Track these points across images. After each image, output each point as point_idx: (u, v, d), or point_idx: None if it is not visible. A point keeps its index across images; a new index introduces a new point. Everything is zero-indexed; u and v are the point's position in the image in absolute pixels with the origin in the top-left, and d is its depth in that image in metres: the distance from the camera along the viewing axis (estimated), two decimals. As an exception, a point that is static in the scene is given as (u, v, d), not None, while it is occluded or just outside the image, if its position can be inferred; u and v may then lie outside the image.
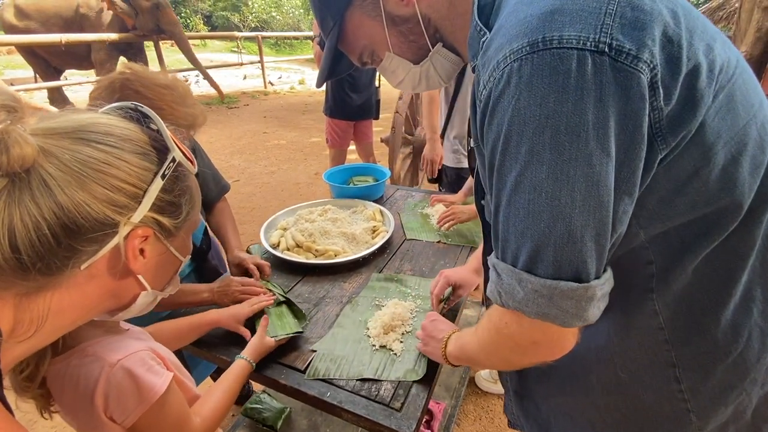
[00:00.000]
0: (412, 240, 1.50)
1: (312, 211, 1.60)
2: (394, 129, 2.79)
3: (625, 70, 0.38)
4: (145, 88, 0.89)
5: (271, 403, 1.61)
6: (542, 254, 0.43)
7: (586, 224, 0.41)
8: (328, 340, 1.00)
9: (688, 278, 0.49)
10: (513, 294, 0.47)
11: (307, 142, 6.02)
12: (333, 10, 0.61)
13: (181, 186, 0.53)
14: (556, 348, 0.50)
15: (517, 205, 0.44)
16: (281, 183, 4.47)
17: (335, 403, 0.84)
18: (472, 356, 0.69)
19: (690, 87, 0.40)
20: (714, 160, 0.43)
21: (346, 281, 1.25)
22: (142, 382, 0.62)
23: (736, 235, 0.47)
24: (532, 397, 0.71)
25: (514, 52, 0.41)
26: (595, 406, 0.60)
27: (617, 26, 0.38)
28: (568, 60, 0.38)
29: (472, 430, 1.72)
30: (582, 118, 0.39)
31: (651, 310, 0.51)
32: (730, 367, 0.51)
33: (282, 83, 11.31)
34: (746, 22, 4.90)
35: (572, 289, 0.43)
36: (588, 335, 0.57)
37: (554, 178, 0.41)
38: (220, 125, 6.90)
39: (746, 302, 0.50)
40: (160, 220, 0.50)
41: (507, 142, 0.43)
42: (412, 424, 0.79)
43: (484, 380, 1.90)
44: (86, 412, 0.61)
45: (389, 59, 0.65)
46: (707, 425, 0.54)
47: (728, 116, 0.44)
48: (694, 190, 0.44)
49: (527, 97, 0.40)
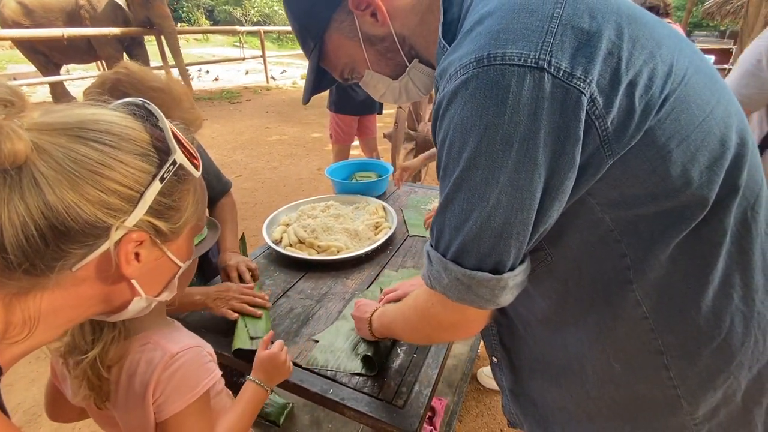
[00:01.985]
0: (415, 236, 1.49)
1: (314, 207, 1.59)
2: (397, 124, 2.78)
3: (561, 86, 0.41)
4: (136, 90, 0.88)
5: (274, 398, 1.62)
6: (469, 247, 0.49)
7: (508, 224, 0.46)
8: (332, 332, 1.00)
9: (663, 268, 0.51)
10: (439, 279, 0.53)
11: (309, 138, 6.01)
12: (312, 32, 0.64)
13: (181, 189, 0.50)
14: (472, 328, 0.59)
15: (454, 203, 0.49)
16: (283, 178, 4.46)
17: (338, 400, 0.84)
18: (396, 332, 0.78)
19: (630, 96, 0.43)
20: (669, 159, 0.46)
21: (349, 278, 1.25)
22: (195, 377, 0.66)
23: (708, 225, 0.49)
24: (528, 394, 0.72)
25: (464, 67, 0.44)
26: (591, 398, 0.61)
27: (557, 44, 0.41)
28: (509, 75, 0.41)
29: (474, 426, 1.72)
30: (516, 129, 0.42)
31: (633, 301, 0.52)
32: (716, 352, 0.52)
33: (285, 78, 11.28)
34: (754, 16, 4.84)
35: (487, 279, 0.49)
36: (580, 328, 0.58)
37: (486, 182, 0.45)
38: (222, 120, 6.89)
39: (726, 288, 0.52)
40: (156, 224, 0.47)
41: (451, 146, 0.47)
42: (415, 421, 0.79)
43: (486, 377, 1.91)
44: (137, 398, 0.64)
45: (369, 75, 0.68)
46: (698, 410, 0.55)
47: (682, 116, 0.45)
48: (653, 184, 0.47)
49: (470, 108, 0.44)
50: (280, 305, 1.13)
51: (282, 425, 1.53)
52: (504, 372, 0.76)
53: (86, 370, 0.62)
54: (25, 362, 1.94)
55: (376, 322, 0.85)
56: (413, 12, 0.60)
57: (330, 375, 0.90)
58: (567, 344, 0.60)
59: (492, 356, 0.77)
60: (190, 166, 0.51)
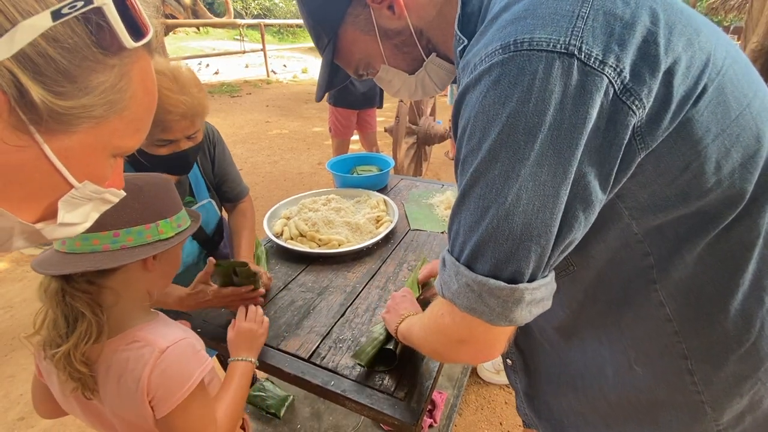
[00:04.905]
0: (416, 230, 1.49)
1: (315, 200, 1.59)
2: (398, 118, 2.77)
3: (592, 74, 0.38)
4: None
5: (275, 390, 1.62)
6: (484, 250, 0.44)
7: (528, 224, 0.42)
8: (378, 326, 0.98)
9: (689, 269, 0.48)
10: (449, 285, 0.48)
11: (309, 132, 5.99)
12: (326, 27, 0.62)
13: (90, 55, 0.30)
14: (482, 350, 0.51)
15: (470, 199, 0.45)
16: (284, 173, 4.46)
17: (339, 392, 0.84)
18: (413, 341, 0.71)
19: (668, 84, 0.40)
20: (704, 154, 0.43)
21: (350, 271, 1.25)
22: (187, 369, 0.66)
23: (740, 225, 0.47)
24: (543, 398, 0.71)
25: (489, 55, 0.42)
26: (608, 402, 0.60)
27: (589, 30, 0.39)
28: (536, 61, 0.39)
29: (474, 420, 1.73)
30: (541, 119, 0.39)
31: (656, 301, 0.50)
32: (743, 357, 0.51)
33: (286, 72, 11.22)
34: (758, 11, 4.79)
35: (499, 288, 0.44)
36: (599, 330, 0.56)
37: (506, 176, 0.41)
38: (222, 114, 6.87)
39: (757, 292, 0.49)
40: (24, 82, 0.27)
41: (471, 137, 0.44)
42: (416, 414, 0.79)
43: (487, 371, 1.91)
44: (131, 396, 0.64)
45: (385, 71, 0.66)
46: (722, 416, 0.53)
47: (718, 109, 0.43)
48: (686, 182, 0.44)
49: (493, 96, 0.41)
50: (281, 298, 1.13)
51: (283, 417, 1.54)
52: (519, 375, 0.75)
53: (63, 363, 0.62)
54: (28, 354, 1.95)
55: (403, 325, 0.81)
56: (431, 4, 0.57)
57: (331, 367, 0.90)
58: (585, 347, 0.59)
59: (506, 359, 0.76)
60: (120, 26, 0.30)
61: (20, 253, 2.95)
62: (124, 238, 0.63)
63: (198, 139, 1.06)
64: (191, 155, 1.06)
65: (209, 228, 1.28)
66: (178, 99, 0.93)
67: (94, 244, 0.62)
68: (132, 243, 0.64)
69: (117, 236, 0.63)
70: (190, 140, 1.03)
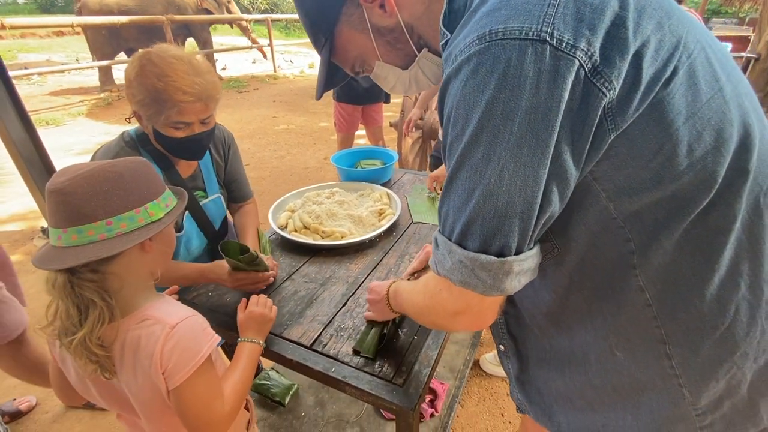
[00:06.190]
0: (418, 223, 1.50)
1: (319, 193, 1.61)
2: (404, 113, 2.77)
3: (564, 58, 0.40)
4: (159, 58, 0.99)
5: (280, 379, 1.66)
6: (472, 229, 0.47)
7: (511, 202, 0.44)
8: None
9: (668, 254, 0.49)
10: (443, 263, 0.52)
11: (316, 127, 6.01)
12: (323, 27, 0.65)
13: None
14: (476, 318, 0.55)
15: (457, 181, 0.48)
16: (290, 168, 4.49)
17: (340, 378, 0.86)
18: (408, 313, 0.77)
19: (637, 66, 0.42)
20: (676, 136, 0.44)
21: (353, 262, 1.27)
22: (196, 343, 0.69)
23: (716, 211, 0.48)
24: (534, 383, 0.73)
25: (467, 46, 0.44)
26: (593, 387, 0.61)
27: (560, 16, 0.41)
28: (511, 50, 0.41)
29: (476, 411, 1.75)
30: (517, 103, 0.41)
31: (636, 287, 0.52)
32: (719, 341, 0.52)
33: (293, 67, 11.24)
34: (773, 2, 4.65)
35: (490, 262, 0.47)
36: (585, 316, 0.58)
37: (488, 158, 0.44)
38: (229, 109, 6.91)
39: (733, 277, 0.50)
40: None
41: (455, 124, 0.46)
42: (414, 398, 0.81)
43: (489, 363, 1.93)
44: (145, 371, 0.68)
45: (380, 67, 0.69)
46: (700, 400, 0.54)
47: (689, 92, 0.44)
48: (659, 165, 0.45)
49: (472, 84, 0.43)
50: (285, 288, 1.16)
51: (287, 405, 1.58)
52: (511, 360, 0.77)
53: (80, 349, 0.65)
54: (42, 342, 2.00)
55: (392, 300, 0.86)
56: (420, 1, 0.59)
57: (332, 354, 0.92)
58: (572, 334, 0.61)
59: (499, 344, 0.78)
60: None
61: (34, 245, 3.03)
62: (118, 225, 0.66)
63: (211, 124, 1.11)
64: (205, 139, 1.11)
65: (217, 223, 1.31)
66: (193, 80, 0.99)
67: (89, 235, 0.64)
68: (126, 229, 0.66)
69: (110, 224, 0.65)
70: (203, 125, 1.08)
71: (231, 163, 1.34)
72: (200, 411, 0.70)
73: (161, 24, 7.07)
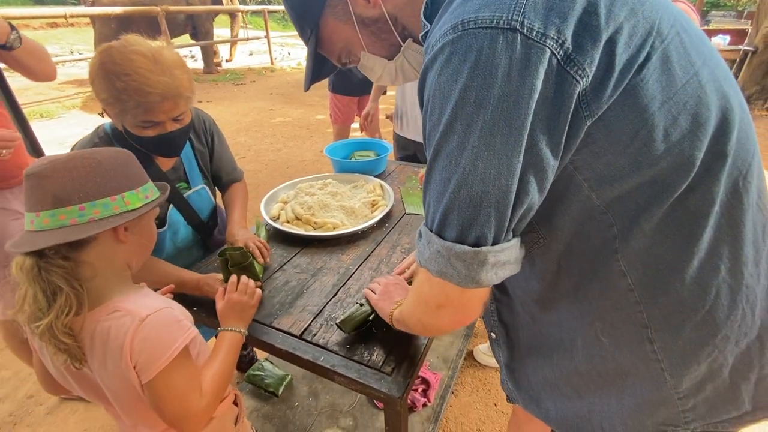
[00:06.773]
0: (411, 214, 1.50)
1: (312, 185, 1.61)
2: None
3: (534, 46, 0.40)
4: (120, 54, 0.93)
5: (273, 370, 1.67)
6: (449, 218, 0.47)
7: (486, 191, 0.44)
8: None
9: (648, 238, 0.50)
10: (423, 253, 0.52)
11: (312, 120, 5.98)
12: (308, 18, 0.65)
13: None
14: (458, 313, 0.54)
15: (435, 171, 0.48)
16: (287, 160, 4.47)
17: (328, 367, 0.86)
18: (405, 320, 0.72)
19: (610, 53, 0.42)
20: (651, 122, 0.44)
21: (344, 253, 1.27)
22: (169, 336, 0.67)
23: (695, 194, 0.48)
24: (523, 370, 0.73)
25: (442, 36, 0.45)
26: (579, 373, 0.62)
27: (530, 5, 0.41)
28: (482, 39, 0.41)
29: (469, 401, 1.76)
30: (489, 91, 0.41)
31: (618, 271, 0.52)
32: (699, 324, 0.52)
33: (290, 59, 11.15)
34: (771, -7, 4.64)
35: (464, 252, 0.47)
36: (572, 303, 0.58)
37: (462, 146, 0.44)
38: (226, 102, 6.87)
39: (713, 260, 0.51)
40: None
41: (431, 114, 0.47)
42: (402, 387, 0.82)
43: (483, 354, 1.94)
44: (116, 364, 0.66)
45: (366, 58, 0.69)
46: (681, 384, 0.55)
47: (663, 77, 0.44)
48: (636, 151, 0.46)
49: (446, 73, 0.44)
50: (276, 278, 1.16)
51: (281, 396, 1.59)
52: (502, 348, 0.77)
53: (47, 336, 0.64)
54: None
55: (397, 311, 0.81)
56: None
57: (322, 344, 0.93)
58: (561, 321, 0.61)
59: (491, 332, 0.79)
60: None
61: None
62: (91, 211, 0.65)
63: (185, 121, 1.06)
64: (179, 137, 1.06)
65: (204, 214, 1.30)
66: (158, 80, 0.94)
67: (61, 219, 0.64)
68: (99, 215, 0.66)
69: (83, 210, 0.65)
70: (176, 122, 1.03)
71: (217, 152, 1.31)
72: (175, 405, 0.68)
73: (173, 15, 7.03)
